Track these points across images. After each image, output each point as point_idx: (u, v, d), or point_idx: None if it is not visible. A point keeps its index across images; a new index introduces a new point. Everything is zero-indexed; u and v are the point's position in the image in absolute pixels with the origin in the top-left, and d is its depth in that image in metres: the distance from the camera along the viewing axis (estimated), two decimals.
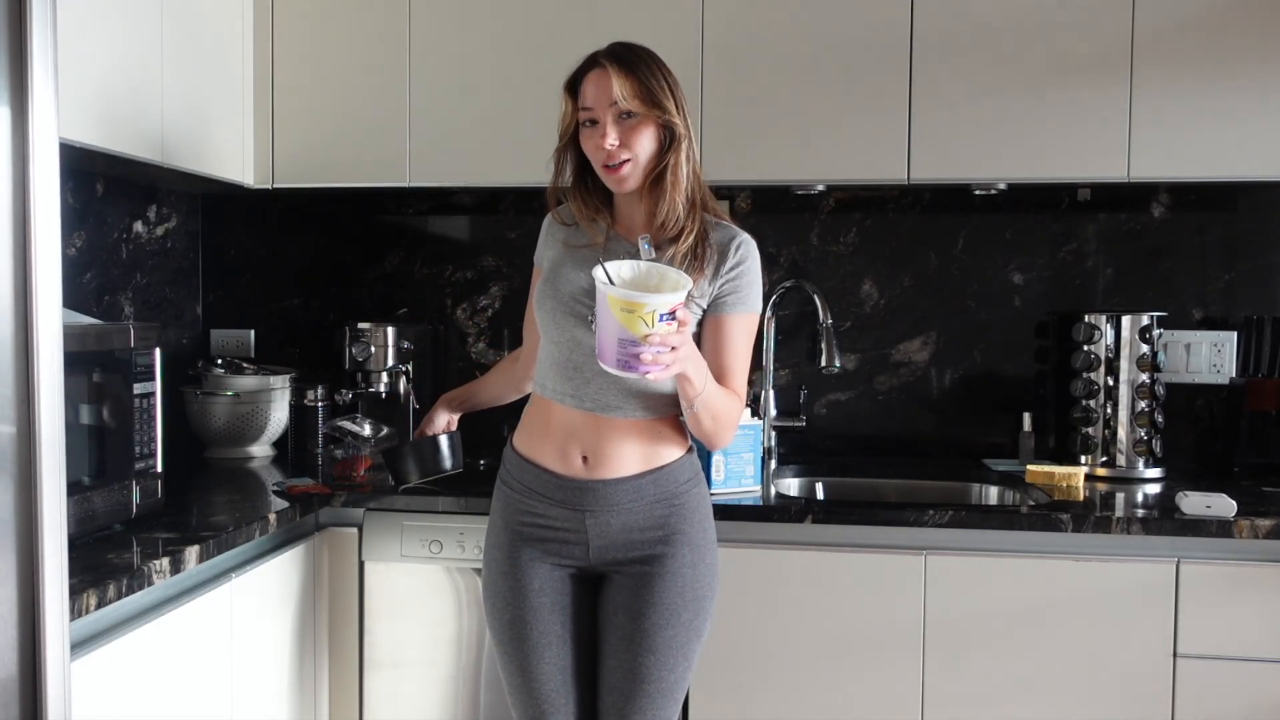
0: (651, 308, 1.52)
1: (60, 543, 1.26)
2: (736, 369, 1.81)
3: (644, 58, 1.76)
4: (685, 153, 1.76)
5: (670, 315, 1.54)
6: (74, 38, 1.90)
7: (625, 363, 1.55)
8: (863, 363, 2.75)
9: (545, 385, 1.84)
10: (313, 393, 2.66)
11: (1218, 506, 2.05)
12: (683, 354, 1.60)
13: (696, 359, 1.68)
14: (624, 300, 1.53)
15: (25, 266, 1.21)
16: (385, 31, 2.51)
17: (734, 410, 1.79)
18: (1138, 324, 2.45)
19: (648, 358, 1.54)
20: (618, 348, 1.55)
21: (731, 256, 1.79)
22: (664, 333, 1.54)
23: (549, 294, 1.81)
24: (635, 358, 1.54)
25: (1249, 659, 2.03)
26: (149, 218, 2.68)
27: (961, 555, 2.09)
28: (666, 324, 1.53)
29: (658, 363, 1.56)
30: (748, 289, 1.81)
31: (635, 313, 1.52)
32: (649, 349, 1.54)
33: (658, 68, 1.76)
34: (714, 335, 1.80)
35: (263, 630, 2.02)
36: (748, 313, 1.82)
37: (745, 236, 1.82)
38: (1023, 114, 2.34)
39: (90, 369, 1.79)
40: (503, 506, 1.87)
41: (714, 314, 1.80)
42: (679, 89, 1.77)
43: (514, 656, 1.82)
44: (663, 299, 1.53)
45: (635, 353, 1.54)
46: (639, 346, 1.53)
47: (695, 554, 1.81)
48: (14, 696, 1.21)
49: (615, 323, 1.54)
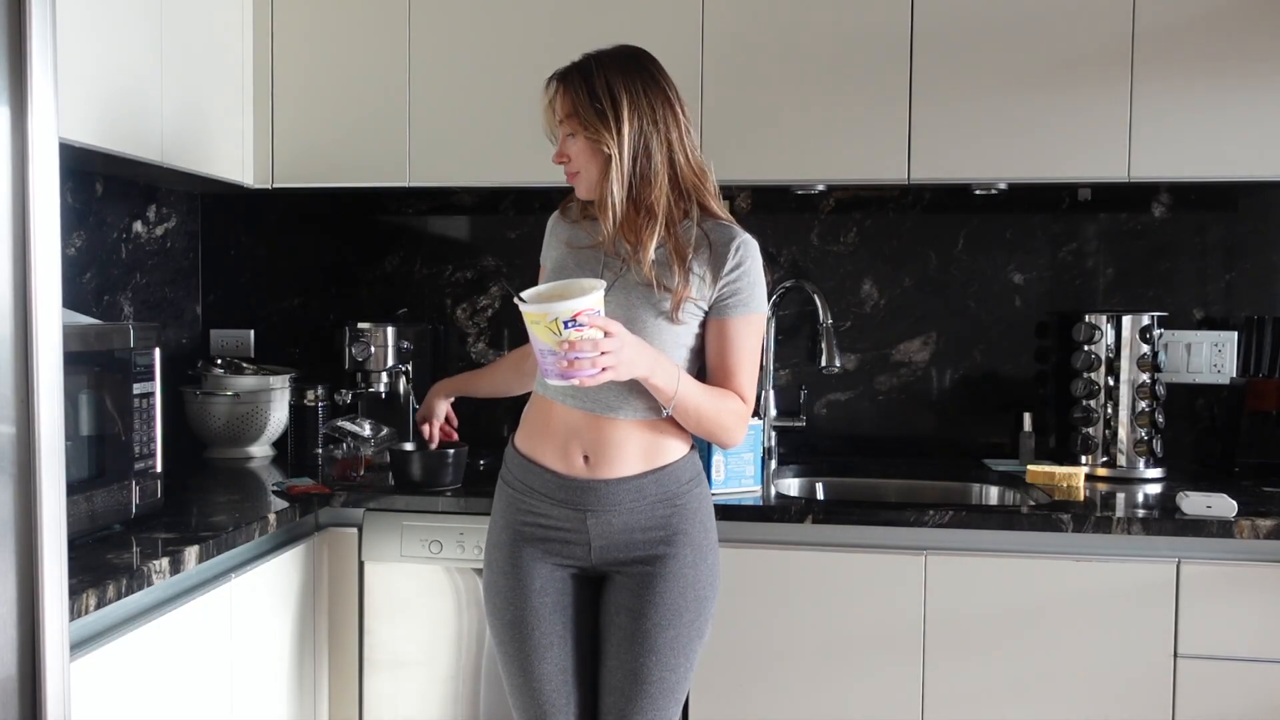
0: (552, 316, 1.57)
1: (60, 543, 1.26)
2: (740, 371, 1.80)
3: (588, 75, 1.78)
4: (615, 171, 1.75)
5: (573, 321, 1.57)
6: (74, 38, 1.90)
7: (558, 373, 1.61)
8: (863, 363, 2.75)
9: (547, 385, 1.84)
10: (313, 393, 2.66)
11: (1218, 506, 2.05)
12: (623, 357, 1.63)
13: (651, 360, 1.69)
14: (528, 314, 1.60)
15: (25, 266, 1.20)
16: (385, 31, 2.51)
17: (726, 410, 1.79)
18: (1138, 324, 2.45)
19: (564, 365, 1.59)
20: (541, 360, 1.63)
21: (731, 258, 1.78)
22: (574, 339, 1.58)
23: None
24: (567, 364, 1.59)
25: (1249, 659, 2.03)
26: (148, 217, 2.68)
27: (961, 555, 2.09)
28: (575, 330, 1.57)
29: (581, 368, 1.60)
30: (749, 290, 1.80)
31: (540, 324, 1.58)
32: (565, 355, 1.59)
33: (605, 86, 1.76)
34: (717, 338, 1.80)
35: (263, 630, 2.02)
36: (750, 314, 1.81)
37: (745, 237, 1.81)
38: (1023, 114, 2.34)
39: (90, 369, 1.78)
40: (504, 506, 1.87)
41: (716, 317, 1.80)
42: (633, 105, 1.75)
43: (515, 657, 1.82)
44: (562, 306, 1.57)
45: (555, 361, 1.59)
46: (557, 354, 1.59)
47: (697, 554, 1.81)
48: (14, 696, 1.21)
49: (534, 336, 1.61)
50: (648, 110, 1.77)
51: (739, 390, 1.80)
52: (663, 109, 1.78)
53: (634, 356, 1.66)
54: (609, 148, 1.76)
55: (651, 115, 1.77)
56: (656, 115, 1.78)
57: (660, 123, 1.78)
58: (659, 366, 1.71)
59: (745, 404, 1.81)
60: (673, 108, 1.80)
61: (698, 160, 1.83)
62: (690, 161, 1.81)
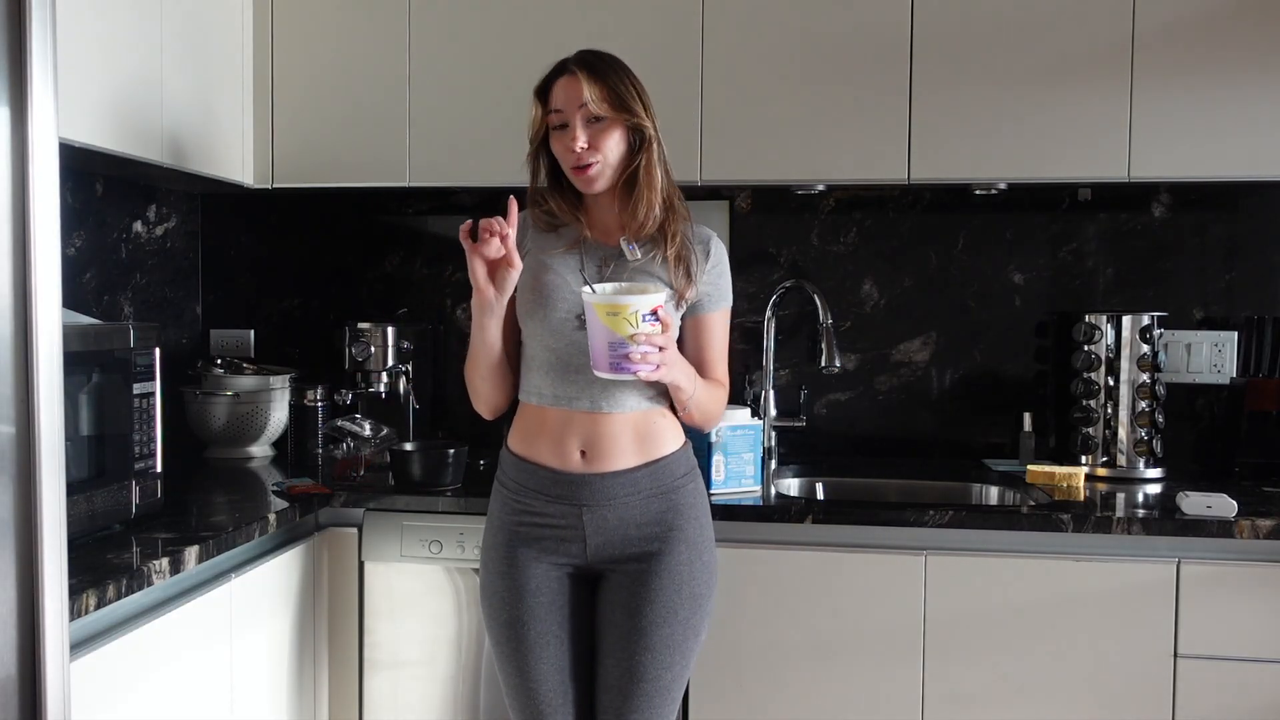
0: (634, 308, 1.65)
1: (60, 543, 1.26)
2: (721, 361, 1.92)
3: (611, 64, 1.82)
4: (657, 154, 1.83)
5: (653, 315, 1.67)
6: (74, 38, 1.90)
7: (617, 364, 1.68)
8: (863, 363, 2.75)
9: (543, 393, 1.84)
10: (312, 393, 2.66)
11: (1218, 506, 2.05)
12: (670, 355, 1.70)
13: (682, 364, 1.77)
14: (609, 304, 1.66)
15: (25, 266, 1.20)
16: (385, 31, 2.51)
17: (721, 400, 1.92)
18: (1138, 324, 2.45)
19: (636, 356, 1.66)
20: (608, 351, 1.68)
21: (709, 256, 1.88)
22: (649, 332, 1.66)
23: (538, 303, 1.82)
24: (625, 358, 1.66)
25: (1249, 659, 2.03)
26: (148, 217, 2.68)
27: (961, 555, 2.09)
28: (650, 324, 1.67)
29: (647, 361, 1.67)
30: (724, 284, 1.91)
31: (620, 314, 1.65)
32: (637, 348, 1.65)
33: (625, 74, 1.82)
34: (699, 333, 1.89)
35: (263, 630, 2.02)
36: (725, 307, 1.92)
37: (713, 233, 1.91)
38: (1023, 114, 2.34)
39: (90, 369, 1.78)
40: (499, 507, 1.87)
41: (696, 313, 1.89)
42: (646, 95, 1.83)
43: (512, 657, 1.82)
44: (644, 299, 1.66)
45: (625, 353, 1.66)
46: (627, 346, 1.66)
47: (692, 552, 1.81)
48: (13, 696, 1.21)
49: (603, 328, 1.67)
50: (652, 104, 1.84)
51: (721, 379, 1.91)
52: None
53: (675, 358, 1.74)
54: (649, 129, 1.81)
55: (653, 109, 1.84)
56: (654, 111, 1.84)
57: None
58: (688, 369, 1.80)
59: (726, 389, 1.93)
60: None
61: (669, 161, 1.89)
62: (668, 160, 1.88)
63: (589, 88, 1.77)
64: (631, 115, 1.79)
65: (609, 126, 1.78)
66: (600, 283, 1.77)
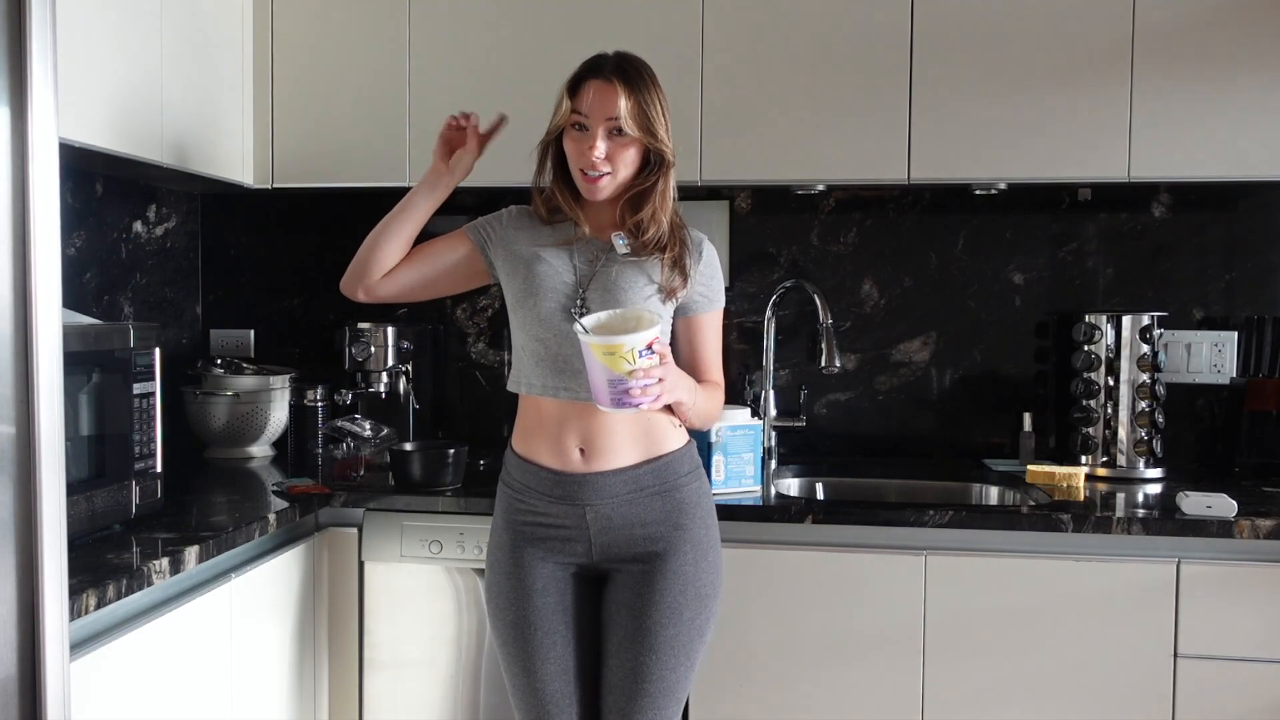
0: (630, 346, 1.63)
1: (60, 543, 1.26)
2: (716, 361, 1.94)
3: (647, 78, 1.80)
4: (672, 178, 1.83)
5: (648, 349, 1.65)
6: (74, 38, 1.90)
7: (618, 400, 1.67)
8: (863, 363, 2.75)
9: (533, 383, 1.85)
10: (313, 393, 2.66)
11: (1218, 506, 2.05)
12: (670, 383, 1.70)
13: (684, 382, 1.77)
14: (604, 345, 1.64)
15: (25, 266, 1.20)
16: (385, 31, 2.51)
17: (719, 401, 1.93)
18: (1138, 324, 2.45)
19: (636, 391, 1.65)
20: (608, 389, 1.66)
21: (701, 258, 1.88)
22: (646, 366, 1.65)
23: (530, 293, 1.83)
24: (626, 393, 1.65)
25: (1249, 659, 2.03)
26: (148, 217, 2.68)
27: (961, 555, 2.09)
28: (647, 359, 1.65)
29: (648, 394, 1.67)
30: (716, 284, 1.92)
31: (616, 354, 1.64)
32: (636, 383, 1.64)
33: (656, 90, 1.80)
34: (693, 335, 1.91)
35: (263, 630, 2.02)
36: (718, 308, 1.93)
37: (703, 236, 1.92)
38: (1023, 114, 2.34)
39: (90, 369, 1.78)
40: (504, 507, 1.88)
41: (689, 315, 1.90)
42: (669, 112, 1.82)
43: (517, 657, 1.82)
44: (639, 336, 1.64)
45: (625, 389, 1.65)
46: (627, 383, 1.65)
47: (698, 552, 1.81)
48: (13, 696, 1.21)
49: (601, 366, 1.65)
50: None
51: (716, 379, 1.94)
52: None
53: (677, 378, 1.74)
54: (669, 154, 1.80)
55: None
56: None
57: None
58: (690, 385, 1.80)
59: (722, 389, 1.95)
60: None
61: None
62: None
63: (624, 102, 1.75)
64: (655, 139, 1.78)
65: (630, 143, 1.78)
66: (591, 288, 1.77)
